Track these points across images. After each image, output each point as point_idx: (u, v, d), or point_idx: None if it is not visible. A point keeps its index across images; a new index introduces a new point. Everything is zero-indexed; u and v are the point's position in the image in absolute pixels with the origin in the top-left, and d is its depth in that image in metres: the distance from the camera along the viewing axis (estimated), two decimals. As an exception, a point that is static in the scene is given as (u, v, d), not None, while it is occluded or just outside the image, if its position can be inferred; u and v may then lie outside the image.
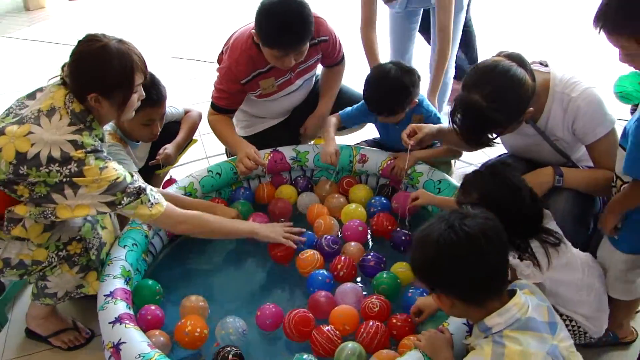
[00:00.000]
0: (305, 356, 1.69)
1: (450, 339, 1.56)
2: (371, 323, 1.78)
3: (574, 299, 1.70)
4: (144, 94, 1.85)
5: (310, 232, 2.23)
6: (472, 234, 1.29)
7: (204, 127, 2.66)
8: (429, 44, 3.09)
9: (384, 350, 1.68)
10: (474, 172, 1.78)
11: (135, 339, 1.63)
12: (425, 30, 3.11)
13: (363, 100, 2.43)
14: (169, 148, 2.41)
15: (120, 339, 1.62)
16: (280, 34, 2.17)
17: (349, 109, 2.52)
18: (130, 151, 2.26)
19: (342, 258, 2.06)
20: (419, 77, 2.31)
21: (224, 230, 2.03)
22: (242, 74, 2.36)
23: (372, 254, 2.11)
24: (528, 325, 1.32)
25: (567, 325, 1.70)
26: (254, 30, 2.26)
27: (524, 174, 1.94)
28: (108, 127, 2.16)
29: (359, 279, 2.11)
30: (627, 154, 1.59)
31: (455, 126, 1.85)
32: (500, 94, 1.71)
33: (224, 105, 2.46)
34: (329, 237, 2.17)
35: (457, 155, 2.43)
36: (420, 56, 3.17)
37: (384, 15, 3.02)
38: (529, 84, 1.74)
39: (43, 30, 5.93)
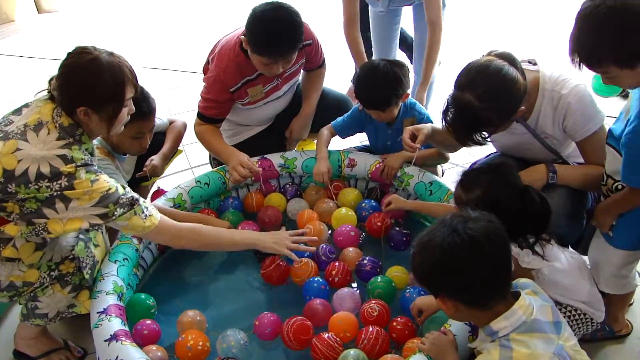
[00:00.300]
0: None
1: (454, 341, 1.56)
2: (371, 329, 1.77)
3: (570, 286, 1.71)
4: (134, 108, 1.81)
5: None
6: (475, 237, 1.29)
7: (187, 138, 2.63)
8: (411, 62, 3.10)
9: (388, 356, 1.67)
10: (476, 169, 1.82)
11: (133, 356, 1.59)
12: (402, 44, 3.13)
13: (354, 107, 2.43)
14: (155, 159, 2.37)
15: (117, 357, 1.58)
16: (270, 41, 2.16)
17: (340, 118, 2.51)
18: (119, 165, 2.22)
19: (337, 264, 2.05)
20: (407, 69, 2.32)
21: (224, 242, 1.95)
22: (231, 82, 2.34)
23: (367, 258, 2.09)
24: (534, 327, 1.32)
25: (573, 316, 1.72)
26: (243, 37, 2.24)
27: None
28: (95, 141, 2.12)
29: (354, 285, 2.10)
30: (623, 166, 1.61)
31: (447, 125, 1.86)
32: (493, 94, 1.72)
33: (212, 115, 2.43)
34: (325, 246, 2.15)
35: (445, 159, 2.45)
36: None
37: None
38: (520, 82, 1.74)
39: (13, 44, 5.82)
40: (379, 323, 1.83)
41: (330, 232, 2.31)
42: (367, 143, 2.66)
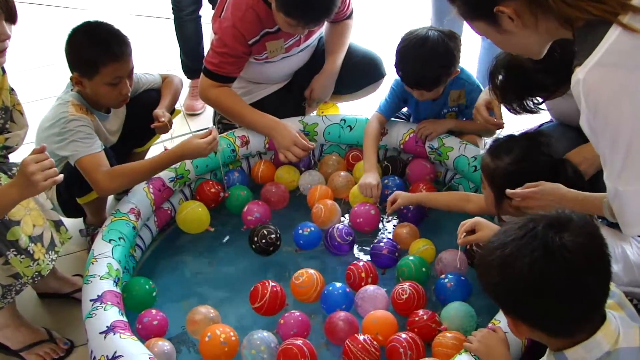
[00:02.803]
0: None
1: (505, 339, 1.52)
2: (404, 336, 1.71)
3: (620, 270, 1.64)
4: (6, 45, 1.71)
5: (310, 223, 2.16)
6: (574, 261, 1.16)
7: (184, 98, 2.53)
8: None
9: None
10: (509, 136, 1.82)
11: (133, 351, 1.56)
12: None
13: (393, 83, 2.36)
14: (166, 116, 2.26)
15: (115, 353, 1.55)
16: (307, 6, 2.10)
17: (382, 101, 2.40)
18: (100, 124, 2.16)
19: (362, 264, 1.98)
20: (460, 41, 2.20)
21: None
22: (249, 33, 2.27)
23: (385, 240, 2.07)
24: (618, 359, 1.23)
25: None
26: None
27: (577, 145, 1.93)
28: (71, 97, 2.08)
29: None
30: None
31: (495, 89, 1.87)
32: (549, 54, 1.63)
33: (227, 73, 2.34)
34: (341, 227, 2.10)
35: (491, 132, 2.38)
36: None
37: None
38: None
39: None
40: (409, 305, 1.84)
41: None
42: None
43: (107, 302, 1.70)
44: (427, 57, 2.12)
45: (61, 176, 1.64)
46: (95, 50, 2.01)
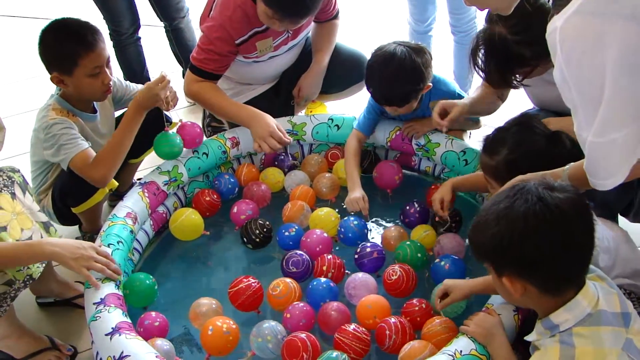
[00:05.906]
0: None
1: (500, 321, 1.56)
2: (393, 320, 1.75)
3: (611, 260, 1.67)
4: None
5: (293, 224, 2.17)
6: (565, 209, 1.25)
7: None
8: None
9: (413, 343, 1.66)
10: (497, 129, 1.82)
11: (140, 351, 1.59)
12: None
13: (370, 98, 2.36)
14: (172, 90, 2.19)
15: (122, 353, 1.57)
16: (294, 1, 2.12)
17: (360, 118, 2.41)
18: (85, 126, 2.16)
19: (328, 258, 2.01)
20: (430, 56, 2.20)
21: (7, 260, 1.72)
22: (237, 32, 2.29)
23: (369, 243, 2.07)
24: (600, 320, 1.29)
25: None
26: None
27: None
28: (53, 101, 2.11)
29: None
30: None
31: (476, 66, 1.89)
32: (528, 25, 1.71)
33: (212, 70, 2.37)
34: (297, 253, 2.03)
35: (477, 125, 2.45)
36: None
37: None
38: None
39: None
40: (397, 285, 1.89)
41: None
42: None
43: (110, 304, 1.73)
44: (393, 75, 2.12)
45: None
46: (70, 43, 2.02)
